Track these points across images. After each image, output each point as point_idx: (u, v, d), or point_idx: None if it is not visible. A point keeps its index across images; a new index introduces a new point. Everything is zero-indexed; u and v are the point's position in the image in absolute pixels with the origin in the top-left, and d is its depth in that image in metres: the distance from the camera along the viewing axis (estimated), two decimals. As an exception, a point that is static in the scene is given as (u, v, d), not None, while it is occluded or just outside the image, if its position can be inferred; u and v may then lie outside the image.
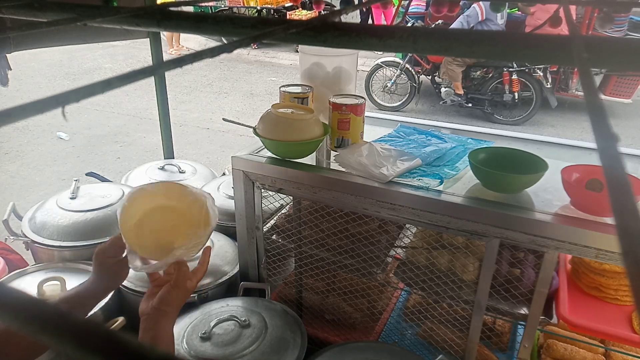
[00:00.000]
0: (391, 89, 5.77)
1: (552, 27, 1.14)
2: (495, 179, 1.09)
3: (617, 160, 0.17)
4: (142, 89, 5.69)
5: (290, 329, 1.22)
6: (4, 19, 1.35)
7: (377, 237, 1.31)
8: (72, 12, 0.41)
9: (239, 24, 0.36)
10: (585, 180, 1.05)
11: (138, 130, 4.85)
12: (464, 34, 0.29)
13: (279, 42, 1.87)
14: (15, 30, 0.33)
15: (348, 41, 0.31)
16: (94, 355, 0.13)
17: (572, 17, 0.39)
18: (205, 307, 1.29)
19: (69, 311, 0.14)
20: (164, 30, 0.39)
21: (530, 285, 1.15)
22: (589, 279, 1.17)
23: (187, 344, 1.16)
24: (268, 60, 8.03)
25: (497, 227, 1.02)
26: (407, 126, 1.53)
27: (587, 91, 0.22)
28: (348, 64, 1.41)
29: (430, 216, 1.08)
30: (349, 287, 1.46)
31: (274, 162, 1.25)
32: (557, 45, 0.27)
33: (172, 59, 0.24)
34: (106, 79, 0.21)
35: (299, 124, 1.22)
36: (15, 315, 0.14)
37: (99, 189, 1.74)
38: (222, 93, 6.23)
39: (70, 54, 7.54)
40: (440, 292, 1.21)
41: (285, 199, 1.53)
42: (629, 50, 0.25)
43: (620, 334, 1.11)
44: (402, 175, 1.15)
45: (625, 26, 5.19)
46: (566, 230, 0.96)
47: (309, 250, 1.39)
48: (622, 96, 5.27)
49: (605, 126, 0.19)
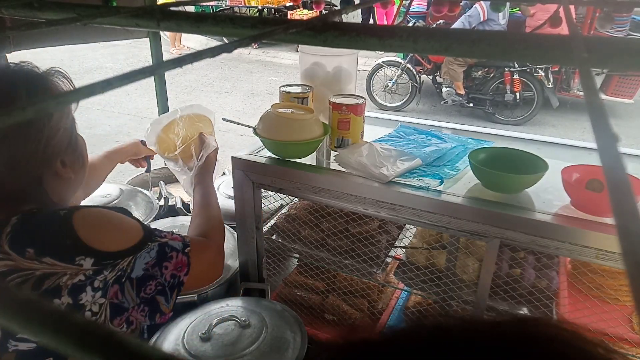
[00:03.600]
0: (392, 88, 5.77)
1: (552, 27, 1.14)
2: (496, 179, 1.09)
3: (618, 160, 0.17)
4: (142, 89, 5.69)
5: (290, 329, 1.22)
6: (4, 18, 1.35)
7: (377, 237, 1.31)
8: (72, 12, 0.41)
9: (239, 23, 0.36)
10: (585, 180, 1.05)
11: (139, 129, 4.86)
12: (464, 34, 0.29)
13: (279, 42, 1.87)
14: (15, 29, 0.33)
15: (348, 41, 0.31)
16: (94, 355, 0.13)
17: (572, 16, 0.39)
18: (205, 307, 1.29)
19: (69, 311, 0.14)
20: (164, 30, 0.39)
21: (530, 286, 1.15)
22: (589, 279, 1.17)
23: (187, 344, 1.16)
24: (269, 60, 8.03)
25: (497, 227, 1.02)
26: (407, 126, 1.53)
27: (587, 91, 0.22)
28: (348, 63, 1.41)
29: (430, 216, 1.08)
30: (349, 287, 1.45)
31: (274, 162, 1.25)
32: (557, 45, 0.27)
33: (172, 58, 0.24)
34: (106, 79, 0.21)
35: (299, 124, 1.22)
36: (14, 315, 0.14)
37: (99, 188, 1.74)
38: (223, 93, 6.23)
39: (71, 54, 7.55)
40: (440, 292, 1.21)
41: (285, 199, 1.53)
42: (629, 50, 0.25)
43: (620, 334, 1.11)
44: (402, 175, 1.15)
45: (627, 26, 5.19)
46: (566, 230, 0.96)
47: (309, 250, 1.39)
48: (623, 96, 5.26)
49: (606, 126, 0.19)
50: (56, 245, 0.80)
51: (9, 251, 0.77)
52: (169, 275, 0.92)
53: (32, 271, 0.77)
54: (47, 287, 0.78)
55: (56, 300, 0.78)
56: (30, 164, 0.83)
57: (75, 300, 0.80)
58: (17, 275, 0.77)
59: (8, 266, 0.77)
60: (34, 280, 0.77)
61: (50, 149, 0.85)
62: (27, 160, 0.83)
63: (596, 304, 1.15)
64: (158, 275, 0.90)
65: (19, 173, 0.83)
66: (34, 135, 0.82)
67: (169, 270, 0.92)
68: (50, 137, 0.84)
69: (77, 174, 0.94)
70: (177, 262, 0.93)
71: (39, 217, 0.83)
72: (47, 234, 0.81)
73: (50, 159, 0.86)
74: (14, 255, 0.77)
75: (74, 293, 0.80)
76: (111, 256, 0.83)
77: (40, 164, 0.85)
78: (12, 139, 0.81)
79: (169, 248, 0.92)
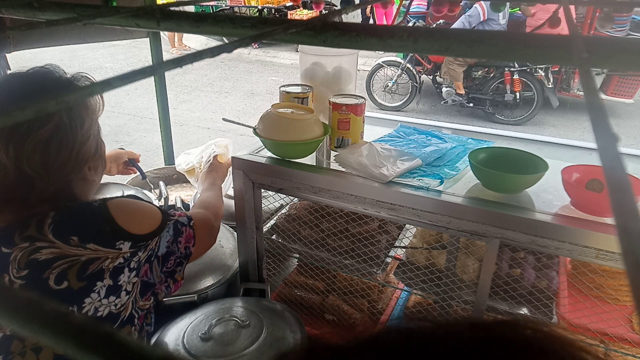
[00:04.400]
0: (392, 88, 5.77)
1: (551, 27, 1.14)
2: (496, 179, 1.09)
3: (618, 160, 0.17)
4: (142, 88, 5.69)
5: (290, 329, 1.22)
6: (4, 18, 1.35)
7: (377, 237, 1.31)
8: (72, 12, 0.41)
9: (239, 23, 0.36)
10: (585, 180, 1.05)
11: (139, 129, 4.86)
12: (464, 34, 0.29)
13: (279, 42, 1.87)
14: (15, 29, 0.33)
15: (348, 41, 0.31)
16: (94, 355, 0.13)
17: (572, 16, 0.39)
18: (205, 307, 1.29)
19: (68, 311, 0.14)
20: (164, 30, 0.39)
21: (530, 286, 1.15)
22: (589, 279, 1.17)
23: (187, 344, 1.16)
24: (269, 60, 8.03)
25: (497, 227, 1.02)
26: (407, 126, 1.53)
27: (587, 91, 0.22)
28: (348, 63, 1.41)
29: (430, 216, 1.08)
30: (349, 287, 1.46)
31: (274, 162, 1.25)
32: (557, 45, 0.27)
33: (172, 58, 0.24)
34: (106, 79, 0.21)
35: (299, 124, 1.22)
36: (14, 315, 0.14)
37: (100, 188, 1.74)
38: (223, 92, 6.23)
39: (71, 54, 7.54)
40: (440, 292, 1.21)
41: (285, 199, 1.53)
42: (629, 50, 0.25)
43: (620, 334, 1.11)
44: (402, 175, 1.15)
45: (627, 26, 5.19)
46: (566, 230, 0.96)
47: (309, 250, 1.39)
48: (623, 96, 5.26)
49: (606, 126, 0.19)
50: (98, 232, 0.88)
51: (54, 240, 0.85)
52: (183, 248, 1.04)
53: (78, 257, 0.85)
54: (91, 271, 0.86)
55: (99, 282, 0.87)
56: (61, 170, 0.89)
57: (115, 281, 0.89)
58: (64, 261, 0.84)
59: (54, 253, 0.84)
60: (79, 265, 0.85)
61: (81, 155, 0.91)
62: (59, 166, 0.88)
63: (596, 304, 1.15)
64: (176, 250, 1.02)
65: (52, 178, 0.88)
66: (67, 142, 0.88)
67: (182, 244, 1.03)
68: (81, 143, 0.90)
69: (99, 176, 1.01)
70: (187, 235, 1.05)
71: (77, 209, 0.91)
72: (89, 222, 0.89)
73: (80, 164, 0.92)
74: (59, 243, 0.84)
75: (115, 275, 0.88)
76: (144, 238, 0.93)
77: (70, 169, 0.90)
78: (47, 147, 0.86)
79: (180, 224, 1.03)
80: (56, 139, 0.86)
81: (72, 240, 0.85)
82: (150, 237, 0.94)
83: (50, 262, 0.83)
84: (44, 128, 0.85)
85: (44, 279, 0.83)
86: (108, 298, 0.88)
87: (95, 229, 0.88)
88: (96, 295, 0.87)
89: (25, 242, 0.84)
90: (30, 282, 0.84)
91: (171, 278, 1.03)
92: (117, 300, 0.90)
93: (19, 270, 0.84)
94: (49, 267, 0.84)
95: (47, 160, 0.86)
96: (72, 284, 0.84)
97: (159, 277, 0.99)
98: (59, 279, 0.84)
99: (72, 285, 0.84)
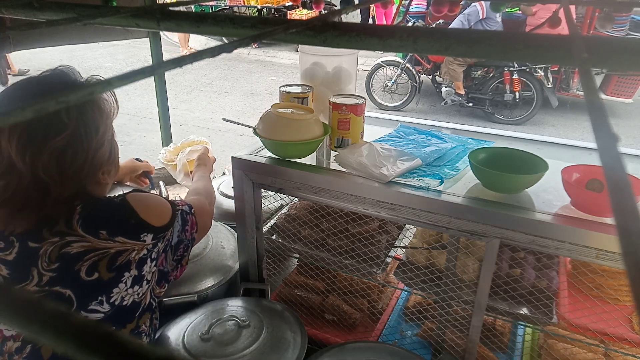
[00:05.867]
0: (392, 88, 5.76)
1: (551, 27, 1.14)
2: (496, 179, 1.09)
3: (618, 160, 0.17)
4: (142, 88, 5.69)
5: (290, 329, 1.22)
6: (4, 18, 1.35)
7: (377, 237, 1.31)
8: (72, 12, 0.41)
9: (239, 23, 0.35)
10: (585, 180, 1.05)
11: (138, 129, 4.85)
12: (464, 34, 0.29)
13: (279, 41, 1.88)
14: (15, 29, 0.33)
15: (348, 41, 0.31)
16: (94, 355, 0.13)
17: (572, 16, 0.39)
18: (205, 307, 1.29)
19: (68, 311, 0.14)
20: (163, 30, 0.39)
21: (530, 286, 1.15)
22: (589, 279, 1.17)
23: (187, 344, 1.16)
24: (268, 60, 8.02)
25: (497, 227, 1.02)
26: (407, 126, 1.53)
27: (587, 91, 0.22)
28: (348, 63, 1.41)
29: (430, 216, 1.08)
30: (349, 287, 1.45)
31: (274, 162, 1.25)
32: (557, 45, 0.27)
33: (172, 58, 0.24)
34: (106, 79, 0.21)
35: (299, 124, 1.22)
36: (14, 315, 0.14)
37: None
38: (223, 92, 6.23)
39: (70, 53, 7.54)
40: (440, 292, 1.21)
41: (285, 199, 1.53)
42: (629, 49, 0.25)
43: (620, 334, 1.11)
44: (402, 175, 1.15)
45: (627, 26, 5.19)
46: (566, 230, 0.96)
47: (309, 250, 1.39)
48: (623, 96, 5.26)
49: (606, 126, 0.19)
50: (125, 226, 0.93)
51: (84, 234, 0.89)
52: (189, 235, 1.10)
53: (108, 249, 0.90)
54: (120, 262, 0.90)
55: (126, 273, 0.92)
56: (77, 176, 0.91)
57: (140, 271, 0.94)
58: (94, 254, 0.89)
59: (85, 247, 0.88)
60: (109, 258, 0.90)
61: (96, 160, 0.94)
62: (75, 172, 0.90)
63: (596, 304, 1.15)
64: (184, 238, 1.08)
65: (67, 184, 0.90)
66: (82, 150, 0.90)
67: (189, 231, 1.10)
68: (96, 149, 0.93)
69: (112, 179, 1.04)
70: (191, 223, 1.10)
71: (101, 204, 0.95)
72: (114, 217, 0.93)
73: (95, 170, 0.95)
74: (89, 237, 0.89)
75: (140, 266, 0.94)
76: (162, 229, 0.98)
77: (85, 175, 0.93)
78: (63, 154, 0.88)
79: (184, 213, 1.09)
80: (72, 147, 0.89)
81: (102, 234, 0.89)
82: (167, 228, 1.00)
83: (81, 255, 0.88)
84: (60, 136, 0.87)
85: (75, 271, 0.87)
86: (133, 287, 0.94)
87: (121, 222, 0.93)
88: (123, 285, 0.92)
89: (55, 237, 0.88)
90: (61, 274, 0.88)
91: (179, 264, 1.10)
92: (140, 289, 0.95)
93: (49, 263, 0.88)
94: (80, 260, 0.88)
95: (62, 167, 0.88)
96: (102, 275, 0.89)
97: (171, 264, 1.06)
98: (90, 270, 0.88)
99: (102, 276, 0.89)
